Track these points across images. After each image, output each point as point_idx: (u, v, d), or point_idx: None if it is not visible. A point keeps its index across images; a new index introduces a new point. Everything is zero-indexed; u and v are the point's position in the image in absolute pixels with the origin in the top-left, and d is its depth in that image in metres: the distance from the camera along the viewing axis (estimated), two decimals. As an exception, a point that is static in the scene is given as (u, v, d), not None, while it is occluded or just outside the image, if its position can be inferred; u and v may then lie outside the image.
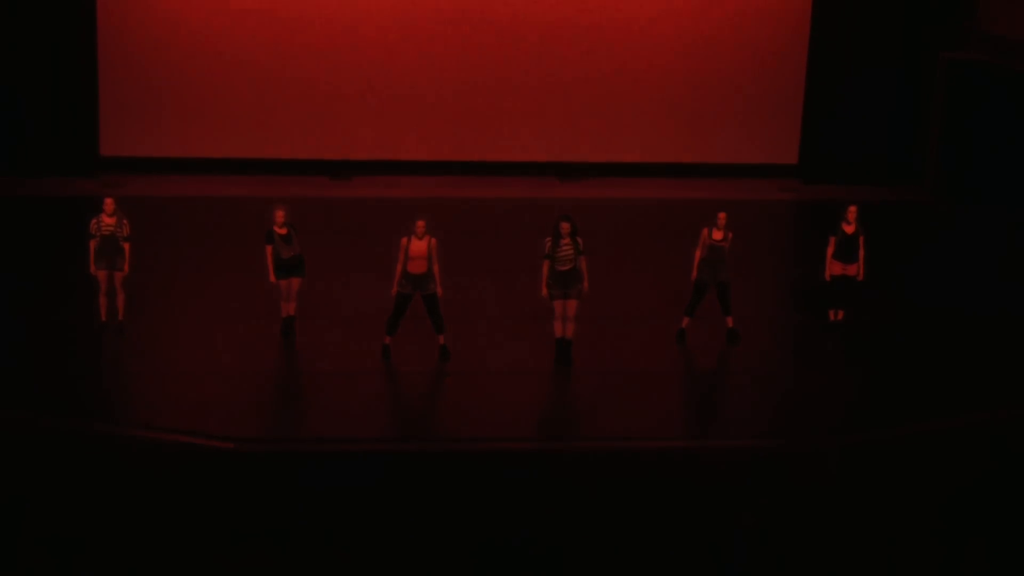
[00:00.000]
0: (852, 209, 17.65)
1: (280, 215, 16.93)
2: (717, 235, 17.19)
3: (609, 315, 17.91)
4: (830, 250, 17.68)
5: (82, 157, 23.58)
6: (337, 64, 24.00)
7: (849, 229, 17.60)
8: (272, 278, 17.00)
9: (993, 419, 15.60)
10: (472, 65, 24.15)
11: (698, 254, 17.25)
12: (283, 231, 16.93)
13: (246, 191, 22.81)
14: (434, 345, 16.76)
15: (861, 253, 17.63)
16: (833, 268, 17.73)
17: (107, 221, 16.91)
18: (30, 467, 14.01)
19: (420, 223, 16.44)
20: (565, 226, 16.47)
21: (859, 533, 13.76)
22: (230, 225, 21.26)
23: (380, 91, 24.09)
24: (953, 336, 17.94)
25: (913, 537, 13.72)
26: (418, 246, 16.39)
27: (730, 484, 14.24)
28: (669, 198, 23.44)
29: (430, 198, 22.13)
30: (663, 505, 13.98)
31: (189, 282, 19.13)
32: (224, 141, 24.04)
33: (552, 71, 24.20)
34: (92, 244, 16.93)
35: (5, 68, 23.07)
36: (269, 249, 16.92)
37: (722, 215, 17.19)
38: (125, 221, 17.01)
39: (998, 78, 22.96)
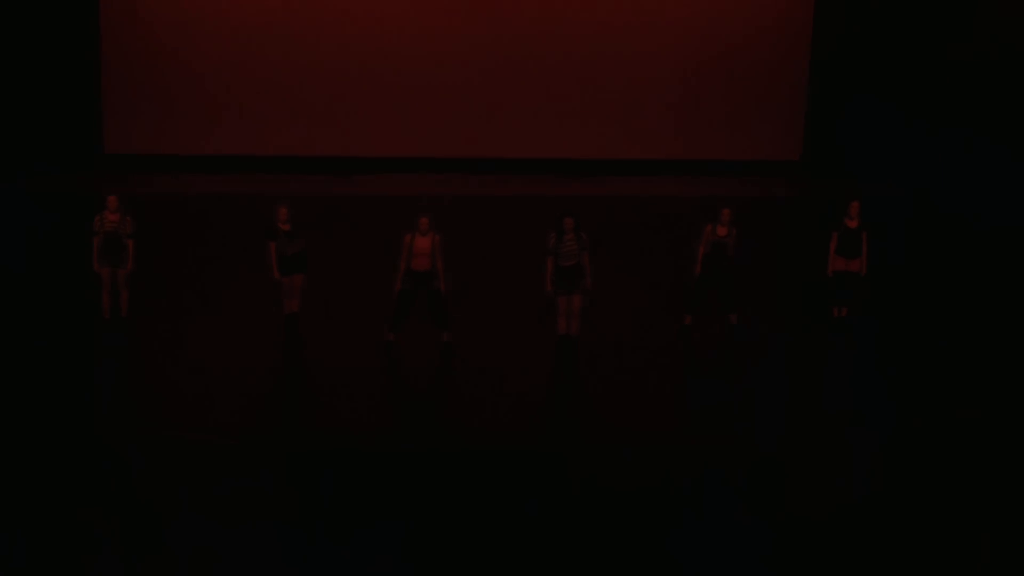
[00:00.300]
0: (855, 205, 17.63)
1: (283, 212, 16.94)
2: (721, 231, 17.18)
3: (611, 312, 17.90)
4: (833, 246, 17.68)
5: (86, 154, 23.61)
6: (340, 62, 24.01)
7: (852, 224, 17.59)
8: (275, 275, 17.01)
9: (991, 414, 15.60)
10: (474, 63, 24.16)
11: (701, 250, 17.25)
12: (286, 227, 16.94)
13: (249, 188, 22.82)
14: (437, 342, 16.77)
15: (864, 249, 17.62)
16: (836, 264, 17.72)
17: (110, 218, 16.95)
18: (31, 467, 14.00)
19: (424, 220, 16.44)
20: (568, 222, 16.48)
21: (860, 531, 13.75)
22: (233, 222, 21.26)
23: (383, 88, 24.10)
24: (953, 333, 17.95)
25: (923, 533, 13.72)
26: (421, 243, 16.39)
27: (728, 482, 14.23)
28: (672, 195, 23.44)
29: (433, 195, 22.12)
30: (662, 504, 13.97)
31: (192, 279, 19.14)
32: (226, 138, 24.06)
33: (554, 68, 24.20)
34: (95, 241, 16.97)
35: (8, 64, 23.09)
36: (272, 246, 16.93)
37: (726, 211, 17.20)
38: (128, 218, 17.05)
39: (998, 76, 22.96)
